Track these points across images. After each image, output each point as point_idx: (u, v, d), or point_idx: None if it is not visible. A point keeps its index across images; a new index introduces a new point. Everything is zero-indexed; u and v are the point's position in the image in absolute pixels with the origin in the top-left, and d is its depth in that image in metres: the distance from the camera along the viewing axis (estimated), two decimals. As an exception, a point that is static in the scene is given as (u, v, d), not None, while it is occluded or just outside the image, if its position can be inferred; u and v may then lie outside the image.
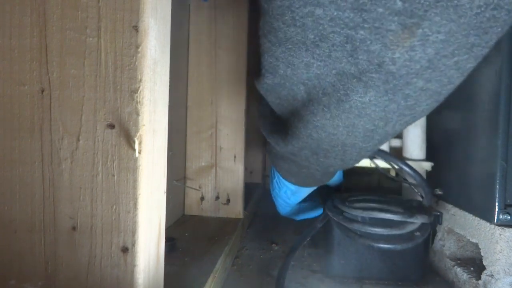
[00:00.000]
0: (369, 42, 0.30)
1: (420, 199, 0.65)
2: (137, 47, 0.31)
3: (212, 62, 0.81)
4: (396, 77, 0.32)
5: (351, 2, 0.29)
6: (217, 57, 0.81)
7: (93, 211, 0.33)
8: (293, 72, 0.37)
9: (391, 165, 0.62)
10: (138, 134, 0.31)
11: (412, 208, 0.58)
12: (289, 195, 0.64)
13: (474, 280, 0.55)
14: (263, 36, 0.37)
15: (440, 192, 0.66)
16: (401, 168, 0.60)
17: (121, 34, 0.32)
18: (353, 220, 0.58)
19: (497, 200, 0.51)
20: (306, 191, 0.64)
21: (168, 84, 0.37)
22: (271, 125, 0.50)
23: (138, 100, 0.31)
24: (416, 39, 0.29)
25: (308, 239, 0.62)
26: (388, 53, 0.30)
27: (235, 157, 0.82)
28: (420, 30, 0.28)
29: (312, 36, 0.32)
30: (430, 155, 0.67)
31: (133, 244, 0.32)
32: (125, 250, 0.32)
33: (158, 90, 0.34)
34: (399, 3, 0.28)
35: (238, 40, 0.81)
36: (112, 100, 0.32)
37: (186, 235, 0.69)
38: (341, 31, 0.31)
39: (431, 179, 0.66)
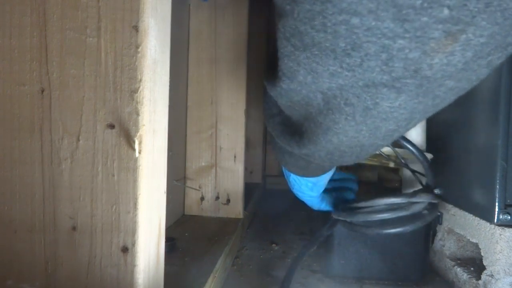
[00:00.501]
0: (407, 50, 0.29)
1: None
2: (137, 47, 0.31)
3: (212, 62, 0.81)
4: (431, 80, 0.31)
5: (393, 13, 0.27)
6: (217, 57, 0.81)
7: (93, 211, 0.33)
8: (313, 80, 0.35)
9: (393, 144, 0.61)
10: (138, 134, 0.31)
11: (414, 191, 0.58)
12: (310, 187, 0.63)
13: (474, 280, 0.55)
14: (284, 39, 0.34)
15: (439, 192, 0.66)
16: (402, 145, 0.59)
17: (121, 34, 0.32)
18: (357, 212, 0.57)
19: (497, 200, 0.51)
20: (324, 179, 0.63)
21: (168, 84, 0.37)
22: (281, 125, 0.49)
23: (138, 100, 0.31)
24: (458, 44, 0.28)
25: (315, 247, 0.61)
26: (427, 60, 0.30)
27: (235, 157, 0.82)
28: (464, 36, 0.28)
29: (343, 45, 0.30)
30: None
31: (133, 244, 0.32)
32: (125, 250, 0.32)
33: (158, 90, 0.34)
34: (446, 11, 0.27)
35: (238, 40, 0.81)
36: (112, 100, 0.32)
37: (186, 235, 0.69)
38: (377, 41, 0.29)
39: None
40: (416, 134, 0.67)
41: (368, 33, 0.29)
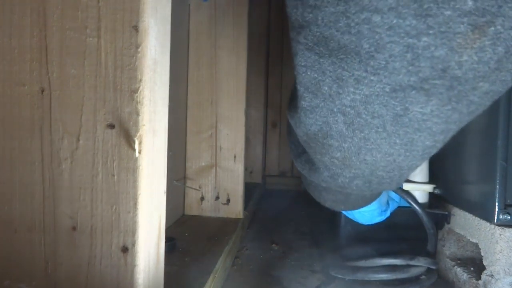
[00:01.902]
0: (433, 48, 0.28)
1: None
2: (137, 47, 0.31)
3: (212, 62, 0.81)
4: (462, 82, 0.30)
5: (414, 8, 0.26)
6: (217, 57, 0.81)
7: (93, 211, 0.33)
8: (338, 90, 0.33)
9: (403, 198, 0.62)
10: (138, 134, 0.31)
11: (414, 252, 0.58)
12: (378, 212, 0.60)
13: (474, 280, 0.55)
14: (307, 50, 0.33)
15: (438, 192, 0.66)
16: (410, 204, 0.60)
17: (121, 34, 0.32)
18: (356, 270, 0.58)
19: (497, 200, 0.51)
20: (382, 198, 0.59)
21: (168, 84, 0.37)
22: (308, 163, 0.46)
23: (138, 100, 0.31)
24: (487, 38, 0.27)
25: None
26: (455, 57, 0.28)
27: (235, 157, 0.82)
28: (492, 29, 0.26)
29: (367, 46, 0.29)
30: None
31: (133, 244, 0.32)
32: (125, 250, 0.32)
33: (158, 90, 0.34)
34: (470, 3, 0.25)
35: (238, 40, 0.81)
36: (112, 100, 0.32)
37: (186, 235, 0.69)
38: (401, 41, 0.28)
39: (431, 178, 0.66)
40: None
41: (390, 32, 0.28)
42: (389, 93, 0.32)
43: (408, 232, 0.64)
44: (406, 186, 0.64)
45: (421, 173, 0.66)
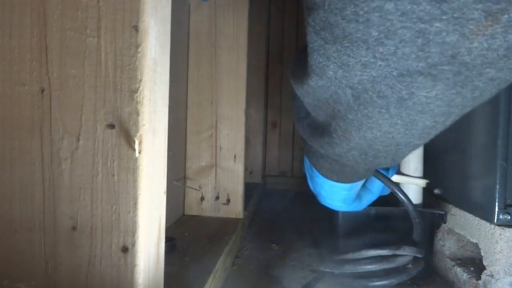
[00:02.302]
0: (445, 34, 0.28)
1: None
2: (137, 47, 0.31)
3: (212, 62, 0.81)
4: (469, 67, 0.30)
5: None
6: (217, 57, 0.81)
7: (93, 211, 0.33)
8: (344, 74, 0.34)
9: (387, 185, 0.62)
10: (138, 134, 0.31)
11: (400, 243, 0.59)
12: (344, 197, 0.59)
13: (474, 280, 0.55)
14: (314, 33, 0.33)
15: (439, 192, 0.66)
16: (395, 194, 0.60)
17: (121, 34, 0.32)
18: (343, 262, 0.58)
19: (497, 200, 0.51)
20: (357, 187, 0.59)
21: (168, 84, 0.37)
22: (310, 127, 0.47)
23: (138, 100, 0.31)
24: (499, 26, 0.27)
25: None
26: (466, 43, 0.28)
27: (235, 157, 0.82)
28: (506, 16, 0.26)
29: (376, 34, 0.29)
30: (429, 155, 0.67)
31: (133, 244, 0.32)
32: (125, 250, 0.32)
33: (158, 90, 0.34)
34: None
35: (238, 40, 0.81)
36: (112, 100, 0.32)
37: (186, 235, 0.69)
38: (413, 26, 0.28)
39: (431, 178, 0.66)
40: (415, 151, 0.66)
41: (403, 18, 0.28)
42: (396, 77, 0.32)
43: (407, 232, 0.64)
44: (397, 179, 0.64)
45: (414, 165, 0.66)
